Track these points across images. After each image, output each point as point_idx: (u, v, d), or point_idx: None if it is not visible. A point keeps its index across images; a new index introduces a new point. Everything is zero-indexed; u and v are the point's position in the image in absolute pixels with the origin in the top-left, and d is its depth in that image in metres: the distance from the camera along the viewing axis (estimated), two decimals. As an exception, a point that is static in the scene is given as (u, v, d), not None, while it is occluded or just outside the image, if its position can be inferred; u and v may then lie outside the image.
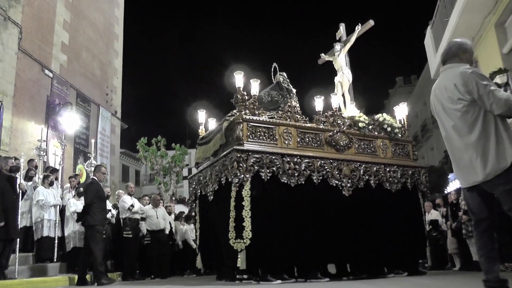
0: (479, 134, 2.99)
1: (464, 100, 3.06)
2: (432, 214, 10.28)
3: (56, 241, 8.24)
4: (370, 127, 7.62)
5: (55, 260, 8.15)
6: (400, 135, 7.92)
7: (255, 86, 6.66)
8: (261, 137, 6.39)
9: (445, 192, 16.00)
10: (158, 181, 20.54)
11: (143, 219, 9.34)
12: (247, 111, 6.43)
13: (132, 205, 8.83)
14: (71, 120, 12.30)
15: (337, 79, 8.77)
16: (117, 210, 9.29)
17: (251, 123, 6.35)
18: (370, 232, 6.84)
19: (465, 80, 3.06)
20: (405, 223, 7.30)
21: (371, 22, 8.75)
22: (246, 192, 5.87)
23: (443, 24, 13.18)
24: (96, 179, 7.35)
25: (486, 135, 2.98)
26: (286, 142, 6.58)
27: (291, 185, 6.29)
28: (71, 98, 14.39)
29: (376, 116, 7.89)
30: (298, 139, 6.74)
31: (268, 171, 6.13)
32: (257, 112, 6.53)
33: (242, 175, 5.90)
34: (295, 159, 6.43)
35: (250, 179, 5.95)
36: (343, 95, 8.62)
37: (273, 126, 6.56)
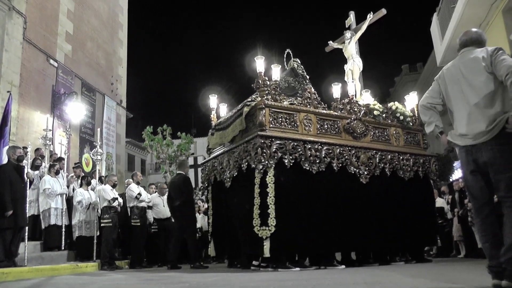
0: (496, 108, 2.99)
1: (487, 71, 3.07)
2: (438, 202, 10.20)
3: (63, 229, 8.21)
4: (384, 115, 7.58)
5: (62, 248, 8.13)
6: (411, 124, 7.87)
7: (276, 72, 6.51)
8: (282, 124, 6.32)
9: (450, 180, 15.91)
10: (164, 170, 20.53)
11: (149, 207, 9.29)
12: (269, 96, 6.33)
13: (139, 194, 8.77)
14: (76, 110, 12.27)
15: (347, 67, 8.72)
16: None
17: (273, 109, 6.27)
18: (384, 220, 6.83)
19: (493, 52, 3.07)
20: (417, 211, 7.30)
21: (383, 11, 8.68)
22: (270, 178, 5.80)
23: (450, 10, 13.01)
24: (184, 173, 7.95)
25: (503, 110, 2.97)
26: (307, 129, 6.52)
27: (312, 172, 6.23)
28: (76, 88, 14.34)
29: (389, 105, 7.86)
30: (318, 126, 6.69)
31: (291, 157, 6.07)
32: (278, 98, 6.44)
33: (266, 161, 5.82)
34: (316, 146, 6.38)
35: (274, 165, 5.88)
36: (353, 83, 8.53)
37: (294, 113, 6.49)
